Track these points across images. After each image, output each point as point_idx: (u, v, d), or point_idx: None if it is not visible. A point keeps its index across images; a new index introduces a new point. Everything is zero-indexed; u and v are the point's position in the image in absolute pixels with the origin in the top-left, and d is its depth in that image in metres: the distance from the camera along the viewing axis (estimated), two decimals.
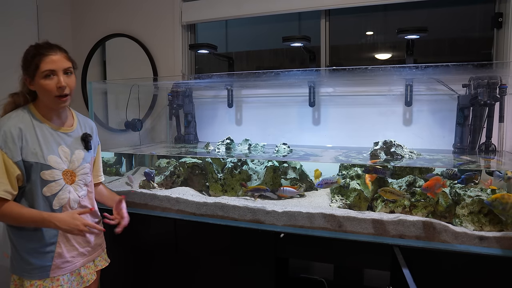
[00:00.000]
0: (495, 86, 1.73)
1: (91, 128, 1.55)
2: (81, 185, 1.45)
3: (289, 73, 2.08)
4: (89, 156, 1.49)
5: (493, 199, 1.47)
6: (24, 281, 1.35)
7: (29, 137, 1.31)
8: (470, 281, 1.47)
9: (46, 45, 1.32)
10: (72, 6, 3.07)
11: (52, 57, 1.29)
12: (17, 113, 1.33)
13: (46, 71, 1.29)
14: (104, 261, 1.60)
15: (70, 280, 1.42)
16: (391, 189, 1.67)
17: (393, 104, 2.22)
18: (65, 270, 1.40)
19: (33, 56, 1.29)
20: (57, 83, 1.30)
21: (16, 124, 1.29)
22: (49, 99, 1.33)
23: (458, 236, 1.51)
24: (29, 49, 1.32)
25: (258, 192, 1.92)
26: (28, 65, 1.30)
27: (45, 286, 1.35)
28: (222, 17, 2.62)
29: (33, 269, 1.35)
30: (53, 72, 1.30)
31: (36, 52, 1.29)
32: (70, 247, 1.42)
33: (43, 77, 1.29)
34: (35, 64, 1.28)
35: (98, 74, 3.05)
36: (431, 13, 2.28)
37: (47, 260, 1.36)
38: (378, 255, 1.59)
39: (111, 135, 2.81)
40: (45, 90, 1.30)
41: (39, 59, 1.28)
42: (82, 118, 1.54)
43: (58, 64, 1.30)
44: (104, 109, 2.79)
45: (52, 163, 1.34)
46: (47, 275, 1.36)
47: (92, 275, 1.50)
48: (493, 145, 1.89)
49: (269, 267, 1.76)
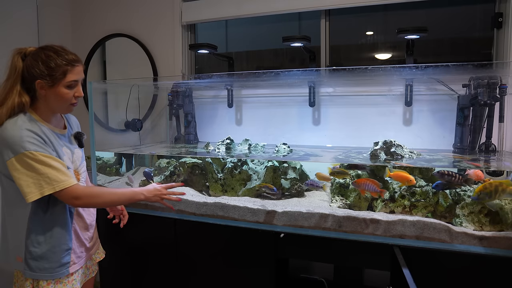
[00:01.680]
0: (495, 86, 1.73)
1: (77, 125, 1.58)
2: (83, 182, 1.49)
3: (289, 73, 2.08)
4: (83, 154, 1.54)
5: (478, 193, 1.49)
6: (40, 282, 1.35)
7: (44, 140, 1.30)
8: (470, 281, 1.47)
9: (70, 53, 1.33)
10: (72, 6, 3.07)
11: (78, 68, 1.33)
12: (22, 119, 1.29)
13: (71, 81, 1.31)
14: (101, 253, 1.67)
15: (80, 273, 1.47)
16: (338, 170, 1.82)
17: (393, 104, 2.22)
18: (78, 265, 1.45)
19: (60, 65, 1.28)
20: (75, 93, 1.34)
21: (30, 128, 1.27)
22: (62, 105, 1.35)
23: (458, 236, 1.51)
24: (51, 54, 1.29)
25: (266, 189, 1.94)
26: (52, 71, 1.28)
27: (62, 282, 1.38)
28: (222, 17, 2.62)
29: (55, 267, 1.36)
30: (76, 83, 1.34)
31: (64, 61, 1.29)
32: (80, 243, 1.47)
33: (66, 86, 1.31)
34: (63, 73, 1.29)
35: (98, 74, 3.05)
36: (431, 13, 2.28)
37: (67, 257, 1.40)
38: (378, 255, 1.59)
39: (111, 135, 2.81)
40: (63, 98, 1.32)
41: (67, 69, 1.29)
42: (67, 116, 1.54)
43: (81, 75, 1.36)
44: (104, 109, 2.79)
45: (66, 163, 1.36)
46: (67, 272, 1.39)
47: (95, 266, 1.60)
48: (493, 145, 1.89)
49: (269, 267, 1.76)
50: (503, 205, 1.52)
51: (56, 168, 1.27)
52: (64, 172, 1.29)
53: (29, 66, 1.29)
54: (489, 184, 1.48)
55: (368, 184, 1.66)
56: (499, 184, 1.47)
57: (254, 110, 2.57)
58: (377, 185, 1.66)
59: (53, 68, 1.28)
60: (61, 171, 1.28)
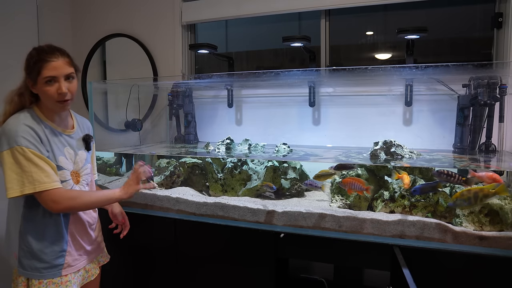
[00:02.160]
0: (495, 86, 1.73)
1: (88, 128, 1.57)
2: (84, 184, 1.48)
3: (289, 73, 2.08)
4: (89, 156, 1.52)
5: (454, 200, 1.48)
6: (32, 280, 1.35)
7: (41, 138, 1.31)
8: (470, 281, 1.47)
9: (48, 49, 1.31)
10: (72, 6, 3.07)
11: (53, 64, 1.29)
12: (25, 114, 1.32)
13: (47, 77, 1.29)
14: (105, 256, 1.66)
15: (77, 276, 1.45)
16: (322, 173, 1.77)
17: (393, 104, 2.22)
18: (75, 268, 1.43)
19: (35, 62, 1.28)
20: (57, 89, 1.30)
21: (29, 124, 1.29)
22: (51, 103, 1.33)
23: (458, 236, 1.51)
24: (32, 52, 1.31)
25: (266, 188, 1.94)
26: (30, 69, 1.30)
27: (54, 283, 1.37)
28: (222, 17, 2.62)
29: (46, 268, 1.35)
30: (54, 79, 1.30)
31: (38, 58, 1.29)
32: (78, 246, 1.45)
33: (44, 83, 1.29)
34: (37, 70, 1.28)
35: (98, 74, 3.05)
36: (431, 13, 2.28)
37: (60, 259, 1.38)
38: (378, 255, 1.59)
39: (111, 135, 2.81)
40: (47, 95, 1.31)
41: (40, 66, 1.28)
42: (79, 118, 1.56)
43: (60, 70, 1.30)
44: (104, 109, 2.79)
45: (62, 164, 1.37)
46: (59, 274, 1.38)
47: (95, 270, 1.56)
48: (493, 145, 1.89)
49: (269, 267, 1.76)
50: (503, 205, 1.52)
51: (42, 169, 1.26)
52: (49, 174, 1.27)
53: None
54: (467, 191, 1.46)
55: (353, 183, 1.67)
56: (479, 190, 1.44)
57: (254, 110, 2.57)
58: (362, 183, 1.67)
59: (31, 66, 1.29)
60: (46, 173, 1.27)
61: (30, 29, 2.70)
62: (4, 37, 2.49)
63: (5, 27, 2.52)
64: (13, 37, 2.55)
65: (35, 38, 2.71)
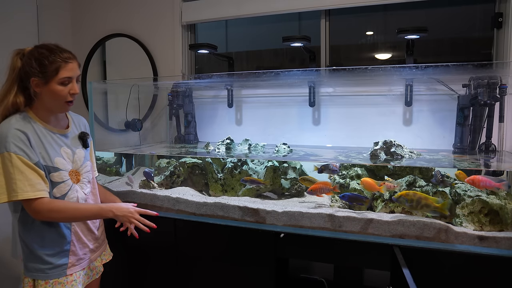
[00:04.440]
0: (495, 86, 1.73)
1: (84, 125, 1.57)
2: (85, 183, 1.48)
3: (289, 73, 2.08)
4: (87, 154, 1.52)
5: (398, 196, 1.57)
6: (39, 281, 1.36)
7: (34, 142, 1.31)
8: (470, 281, 1.47)
9: (63, 50, 1.33)
10: (72, 5, 3.07)
11: (71, 65, 1.32)
12: (16, 118, 1.31)
13: (64, 78, 1.30)
14: (108, 254, 1.67)
15: (81, 274, 1.46)
16: (307, 177, 1.88)
17: (393, 104, 2.22)
18: (79, 267, 1.45)
19: (52, 62, 1.28)
20: (70, 90, 1.33)
21: (20, 128, 1.28)
22: (57, 103, 1.34)
23: (458, 236, 1.51)
24: (43, 52, 1.30)
25: (253, 183, 1.95)
26: (44, 68, 1.28)
27: (60, 282, 1.38)
28: (222, 17, 2.62)
29: (50, 268, 1.36)
30: (69, 79, 1.32)
31: (56, 57, 1.29)
32: (82, 245, 1.46)
33: (60, 83, 1.30)
34: (55, 69, 1.28)
35: (98, 74, 3.05)
36: (431, 13, 2.28)
37: (64, 259, 1.39)
38: (378, 255, 1.59)
39: (111, 135, 2.81)
40: (57, 95, 1.31)
41: (60, 65, 1.29)
42: (74, 116, 1.55)
43: (75, 71, 1.34)
44: (104, 109, 2.79)
45: (59, 165, 1.36)
46: (64, 273, 1.39)
47: (100, 268, 1.59)
48: (493, 145, 1.89)
49: (269, 267, 1.76)
50: (503, 205, 1.52)
51: (26, 177, 1.26)
52: (33, 184, 1.27)
53: (25, 65, 1.30)
54: (413, 193, 1.55)
55: (321, 188, 1.75)
56: (424, 198, 1.52)
57: (254, 110, 2.57)
58: (329, 185, 1.76)
59: (46, 65, 1.28)
60: (31, 181, 1.26)
61: (30, 28, 2.70)
62: (3, 37, 2.49)
63: (5, 27, 2.52)
64: (13, 38, 2.55)
65: (35, 38, 2.71)
